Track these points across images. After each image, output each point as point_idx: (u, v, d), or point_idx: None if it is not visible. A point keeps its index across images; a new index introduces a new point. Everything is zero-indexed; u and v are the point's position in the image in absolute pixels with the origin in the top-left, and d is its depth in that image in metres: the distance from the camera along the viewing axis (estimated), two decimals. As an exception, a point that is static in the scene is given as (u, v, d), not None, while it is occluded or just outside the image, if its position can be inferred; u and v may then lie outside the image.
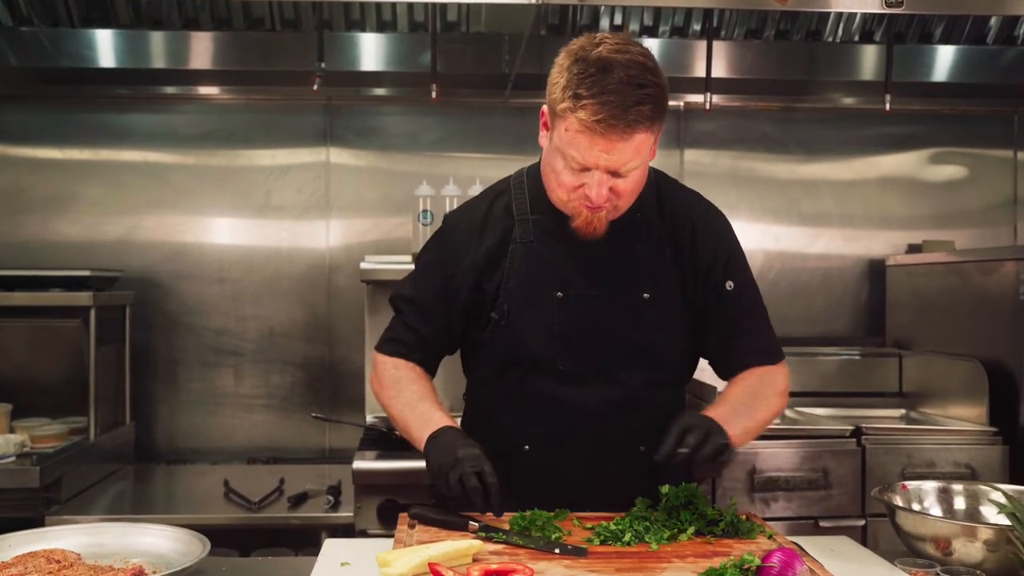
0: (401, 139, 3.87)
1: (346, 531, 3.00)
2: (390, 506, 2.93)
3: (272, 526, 3.05)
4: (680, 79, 3.64)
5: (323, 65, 3.26)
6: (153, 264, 3.79)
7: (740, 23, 3.70)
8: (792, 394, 3.66)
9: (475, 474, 1.73)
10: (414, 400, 1.97)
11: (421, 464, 2.89)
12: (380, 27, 3.64)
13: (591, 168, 1.77)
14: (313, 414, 3.53)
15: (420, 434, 1.90)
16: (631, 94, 1.69)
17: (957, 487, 1.99)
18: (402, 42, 3.64)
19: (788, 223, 3.97)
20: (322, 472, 3.54)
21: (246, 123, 3.83)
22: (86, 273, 3.32)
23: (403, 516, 1.87)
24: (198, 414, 3.81)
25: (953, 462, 3.09)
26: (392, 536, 2.83)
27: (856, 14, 3.66)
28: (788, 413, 3.55)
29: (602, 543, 1.70)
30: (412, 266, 3.39)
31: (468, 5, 3.54)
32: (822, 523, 3.05)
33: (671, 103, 3.86)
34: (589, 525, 1.80)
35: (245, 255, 3.82)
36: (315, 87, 3.24)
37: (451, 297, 1.97)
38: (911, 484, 2.00)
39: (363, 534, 2.94)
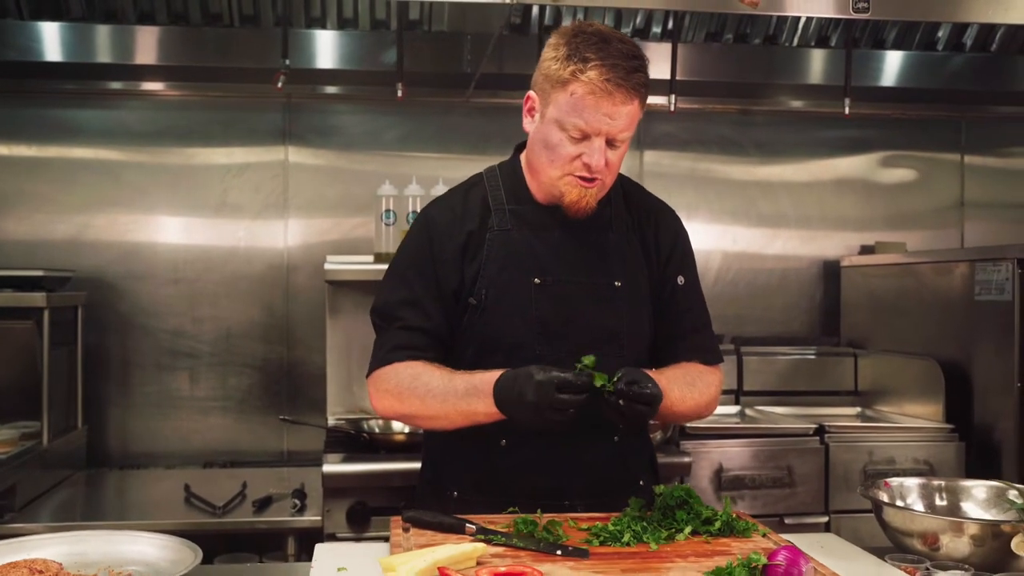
0: (361, 138, 3.83)
1: (313, 535, 2.94)
2: (359, 509, 2.89)
3: (238, 531, 3.00)
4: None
5: (287, 62, 3.21)
6: (105, 264, 3.69)
7: (700, 26, 3.75)
8: (750, 392, 3.75)
9: (558, 403, 1.70)
10: (446, 382, 1.88)
11: (391, 466, 2.95)
12: (341, 25, 3.60)
13: (591, 136, 1.84)
14: (281, 416, 3.47)
15: (482, 400, 1.82)
16: (630, 62, 1.82)
17: (939, 483, 2.03)
18: (363, 40, 3.61)
19: (746, 224, 4.02)
20: (283, 475, 3.49)
21: (202, 120, 3.75)
22: (40, 273, 3.22)
23: (396, 520, 1.84)
24: (153, 418, 3.72)
25: (912, 459, 3.16)
26: (363, 539, 2.86)
27: (813, 19, 3.73)
28: (748, 412, 3.60)
29: (602, 544, 1.70)
30: (376, 266, 3.45)
31: (431, 4, 3.52)
32: (787, 520, 3.10)
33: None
34: (584, 526, 1.79)
35: (201, 255, 3.75)
36: (279, 84, 3.19)
37: (443, 284, 1.97)
38: (894, 481, 2.04)
39: (332, 537, 2.90)
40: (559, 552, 1.64)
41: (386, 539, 2.81)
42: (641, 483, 2.04)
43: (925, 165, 4.16)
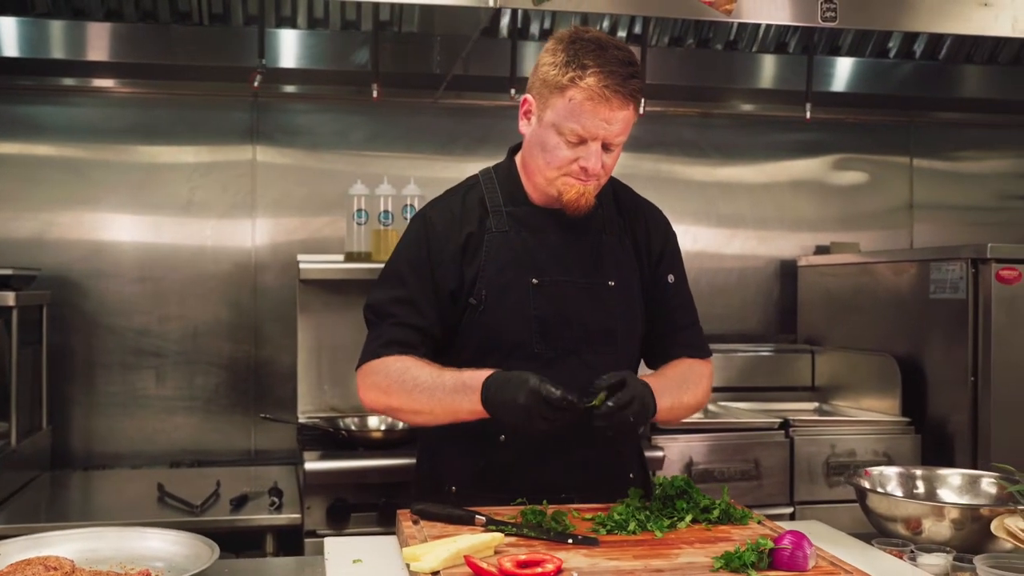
0: (329, 138, 3.84)
1: (292, 532, 2.98)
2: (340, 506, 2.92)
3: (216, 529, 2.96)
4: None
5: (264, 61, 3.22)
6: (70, 263, 3.65)
7: (664, 31, 3.83)
8: (712, 388, 3.84)
9: (550, 410, 1.74)
10: (434, 377, 1.92)
11: (370, 463, 2.99)
12: (311, 24, 3.61)
13: (587, 140, 1.90)
14: (261, 415, 3.47)
15: (468, 396, 1.85)
16: (627, 68, 1.88)
17: (916, 472, 2.14)
18: (333, 40, 3.62)
19: (706, 224, 4.13)
20: (254, 474, 3.49)
21: (169, 119, 3.73)
22: (8, 272, 3.18)
23: (404, 512, 1.88)
24: (118, 417, 3.69)
25: (872, 451, 3.29)
26: (346, 535, 2.88)
27: (772, 26, 3.84)
28: (711, 407, 3.70)
29: (608, 532, 1.76)
30: (348, 265, 3.47)
31: (401, 5, 3.55)
32: (754, 512, 3.18)
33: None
34: (588, 516, 1.86)
35: (168, 254, 3.72)
36: (256, 83, 3.19)
37: (440, 285, 2.01)
38: (874, 470, 2.14)
39: (312, 535, 2.93)
40: (570, 541, 1.70)
41: (384, 533, 2.87)
42: (631, 475, 2.12)
43: (876, 168, 4.31)
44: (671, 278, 2.17)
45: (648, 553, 1.65)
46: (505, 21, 3.66)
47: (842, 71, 4.01)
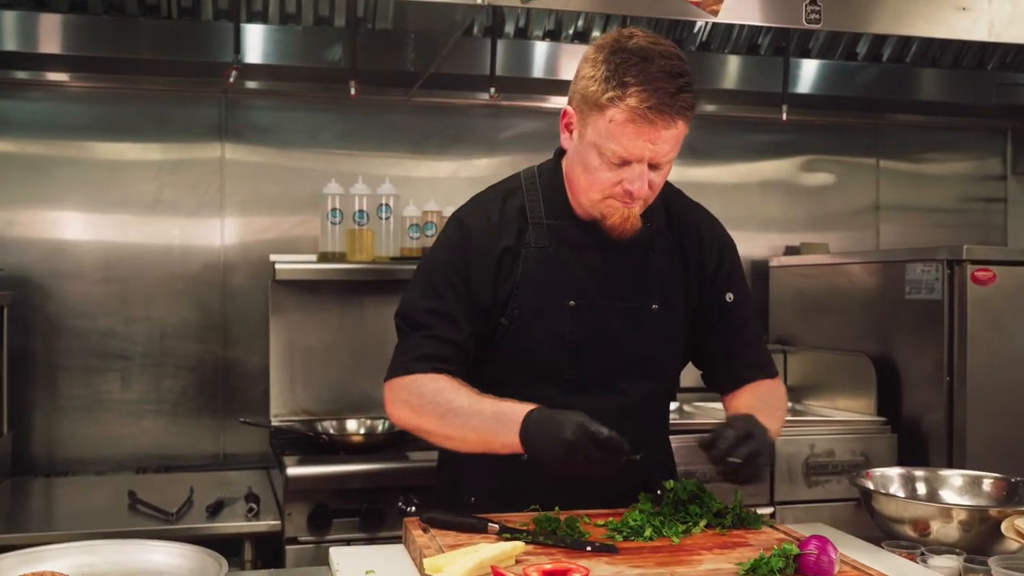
0: (300, 136, 3.77)
1: (271, 539, 2.91)
2: (322, 512, 2.86)
3: (192, 537, 2.88)
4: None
5: (240, 56, 3.14)
6: (31, 263, 3.53)
7: (639, 32, 3.82)
8: (685, 389, 3.81)
9: (597, 449, 1.65)
10: (472, 403, 1.82)
11: (352, 468, 2.93)
12: (283, 20, 3.53)
13: (631, 162, 1.77)
14: (241, 419, 3.39)
15: (506, 427, 1.75)
16: (674, 82, 1.72)
17: (918, 473, 2.15)
18: (305, 36, 3.55)
19: (679, 225, 4.12)
20: (224, 479, 3.40)
21: (135, 115, 3.62)
22: (-29, 272, 3.07)
23: (413, 520, 1.83)
24: (82, 422, 3.57)
25: (850, 451, 3.31)
26: (326, 543, 2.83)
27: (745, 28, 3.85)
28: (686, 408, 3.70)
29: (625, 539, 1.74)
30: (322, 265, 3.41)
31: (376, 1, 3.50)
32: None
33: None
34: (601, 522, 1.83)
35: (134, 253, 3.62)
36: (231, 79, 3.11)
37: (473, 298, 1.92)
38: (875, 471, 2.15)
39: (294, 542, 2.87)
40: (588, 548, 1.67)
41: (368, 539, 2.83)
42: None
43: (844, 169, 4.35)
44: (730, 297, 2.04)
45: (670, 560, 1.63)
46: (481, 19, 3.61)
47: (811, 73, 4.03)
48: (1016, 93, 4.24)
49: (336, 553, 1.80)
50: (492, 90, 3.43)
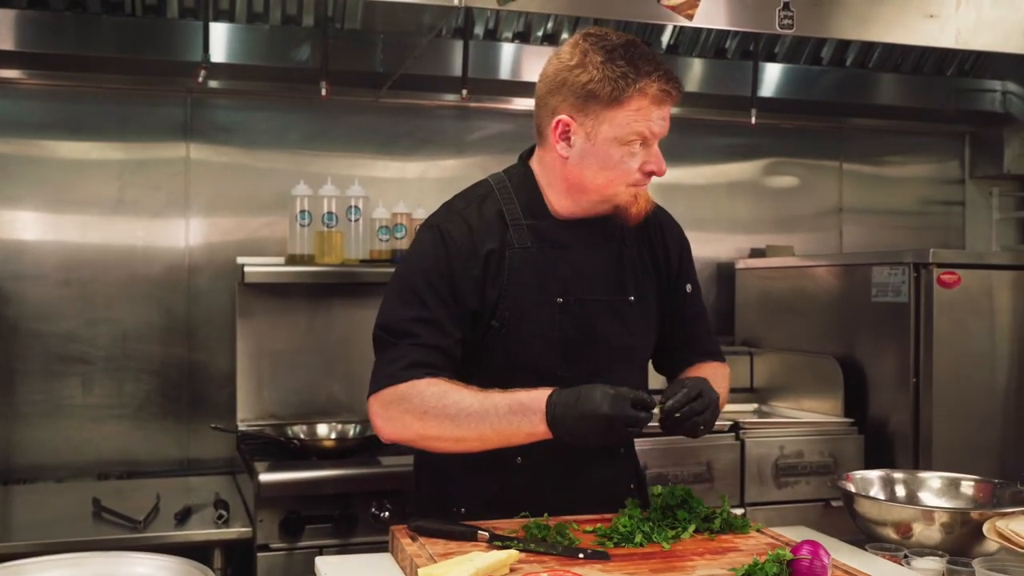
0: (266, 136, 3.71)
1: (242, 546, 2.87)
2: (294, 518, 2.82)
3: (161, 545, 2.85)
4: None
5: (210, 55, 3.09)
6: (-12, 265, 3.45)
7: (606, 34, 3.82)
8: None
9: (634, 417, 1.72)
10: (483, 400, 1.80)
11: (325, 473, 2.90)
12: (250, 18, 3.48)
13: (649, 142, 1.88)
14: (213, 425, 3.32)
15: (529, 417, 1.76)
16: (666, 65, 1.90)
17: (897, 475, 2.17)
18: (273, 35, 3.50)
19: (646, 227, 4.14)
20: (190, 485, 3.36)
21: (97, 113, 3.54)
22: (-71, 275, 2.98)
23: (400, 529, 1.81)
24: (41, 428, 3.48)
25: (819, 452, 3.34)
26: (298, 549, 2.79)
27: (712, 32, 3.87)
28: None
29: (615, 545, 1.73)
30: (291, 268, 3.37)
31: (345, 1, 3.46)
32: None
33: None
34: (589, 528, 1.83)
35: (96, 255, 3.54)
36: (200, 79, 3.06)
37: (460, 303, 1.91)
38: (855, 474, 2.17)
39: (265, 549, 2.82)
40: (581, 556, 1.66)
41: (342, 546, 2.80)
42: (632, 486, 2.09)
43: (808, 171, 4.40)
44: (689, 287, 2.15)
45: (663, 566, 1.63)
46: (451, 20, 3.59)
47: (777, 77, 4.07)
48: (974, 98, 4.33)
49: (322, 562, 1.77)
50: (464, 91, 3.40)
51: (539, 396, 1.77)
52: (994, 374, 3.35)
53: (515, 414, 1.77)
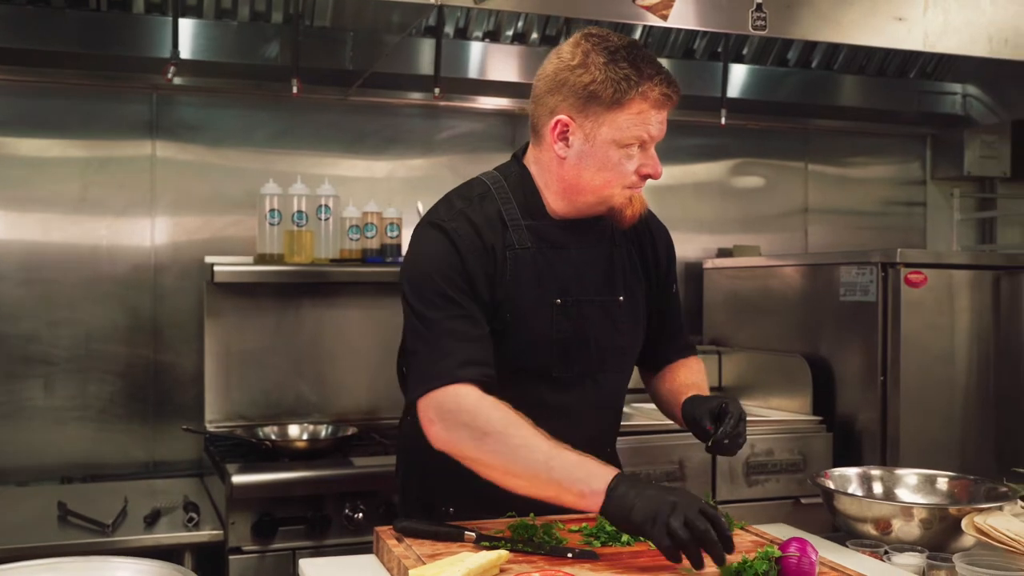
0: (233, 134, 3.66)
1: (213, 549, 2.83)
2: (267, 520, 2.79)
3: (131, 549, 2.80)
4: (517, 84, 3.73)
5: (180, 52, 3.04)
6: (-54, 264, 3.37)
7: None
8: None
9: (701, 515, 1.56)
10: (552, 449, 1.71)
11: (297, 475, 2.87)
12: (218, 14, 3.44)
13: (647, 145, 1.89)
14: (184, 426, 3.27)
15: (590, 485, 1.65)
16: (664, 68, 1.89)
17: (875, 472, 2.19)
18: (241, 32, 3.46)
19: (615, 227, 4.15)
20: (157, 488, 3.31)
21: (60, 110, 3.48)
22: None
23: (386, 530, 1.80)
24: (2, 431, 3.41)
25: (788, 450, 3.37)
26: (271, 552, 2.76)
27: (681, 33, 3.90)
28: (626, 409, 3.71)
29: (602, 544, 1.73)
30: (260, 267, 3.33)
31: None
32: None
33: (506, 109, 3.97)
34: (575, 528, 1.82)
35: (58, 254, 3.47)
36: (169, 75, 3.01)
37: (479, 298, 1.88)
38: (834, 471, 2.19)
39: (237, 551, 2.79)
40: (569, 555, 1.66)
41: (315, 548, 2.77)
42: None
43: (774, 172, 4.44)
44: (674, 288, 2.18)
45: (652, 564, 1.63)
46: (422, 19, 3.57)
47: (743, 78, 4.10)
48: (935, 101, 4.39)
49: (306, 565, 1.75)
50: (437, 90, 3.39)
51: (607, 474, 1.66)
52: (957, 372, 3.41)
53: (579, 468, 1.68)
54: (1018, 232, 4.84)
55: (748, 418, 3.42)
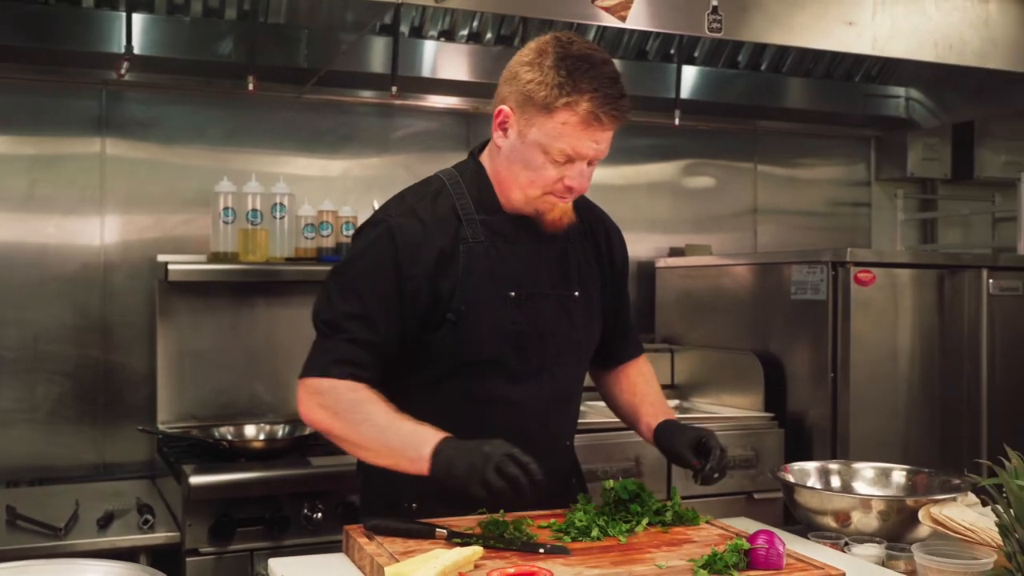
0: (185, 131, 3.62)
1: (169, 551, 2.79)
2: (225, 521, 2.76)
3: (83, 552, 2.75)
4: (471, 84, 3.74)
5: (133, 47, 2.99)
6: None
7: (531, 36, 3.80)
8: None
9: (510, 460, 1.69)
10: (390, 420, 1.84)
11: (256, 475, 2.84)
12: (170, 10, 3.39)
13: (575, 160, 1.85)
14: (139, 427, 3.22)
15: (418, 451, 1.77)
16: (617, 86, 1.83)
17: (832, 466, 2.24)
18: (195, 28, 3.41)
19: (569, 226, 4.18)
20: (109, 490, 3.24)
21: (6, 106, 3.40)
22: None
23: (355, 528, 1.79)
24: (-55, 434, 3.35)
25: (741, 446, 3.42)
26: (229, 553, 2.74)
27: (635, 35, 3.93)
28: (582, 407, 3.74)
29: (573, 540, 1.75)
30: (213, 266, 3.30)
31: (269, -6, 3.40)
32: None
33: (460, 108, 3.98)
34: (544, 524, 1.84)
35: (6, 253, 3.40)
36: (123, 71, 2.97)
37: (408, 300, 1.90)
38: (794, 465, 2.23)
39: (194, 553, 2.76)
40: (541, 551, 1.67)
41: (291, 549, 2.75)
42: (573, 481, 2.12)
43: (724, 173, 4.50)
44: (626, 287, 2.23)
45: (624, 559, 1.65)
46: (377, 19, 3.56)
47: (693, 80, 4.15)
48: (880, 104, 4.49)
49: (276, 564, 1.74)
50: (394, 88, 3.38)
51: (433, 438, 1.79)
52: (903, 369, 3.48)
53: (412, 447, 1.79)
54: (959, 232, 4.97)
55: (700, 415, 3.55)
